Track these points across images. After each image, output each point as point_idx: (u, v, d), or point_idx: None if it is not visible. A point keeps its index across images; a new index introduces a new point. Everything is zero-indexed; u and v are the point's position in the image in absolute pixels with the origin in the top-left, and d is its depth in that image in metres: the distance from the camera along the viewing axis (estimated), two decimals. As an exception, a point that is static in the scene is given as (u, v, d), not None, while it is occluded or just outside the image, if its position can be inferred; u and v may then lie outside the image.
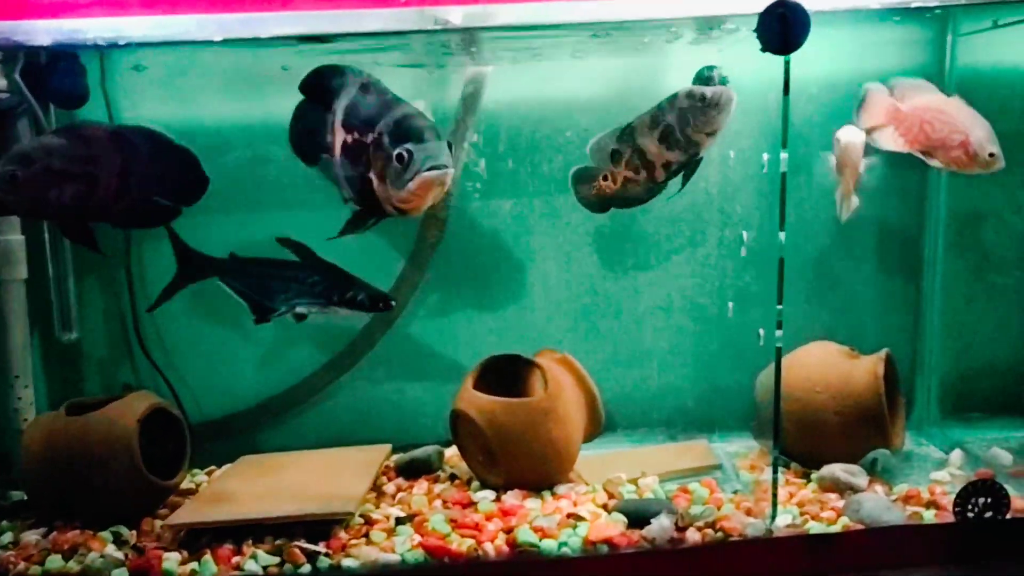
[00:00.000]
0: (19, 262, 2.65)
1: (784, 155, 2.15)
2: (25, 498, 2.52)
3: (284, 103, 2.36)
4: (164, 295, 2.60)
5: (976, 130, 2.36)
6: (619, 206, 2.60)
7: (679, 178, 2.50)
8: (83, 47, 2.29)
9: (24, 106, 2.51)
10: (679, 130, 2.37)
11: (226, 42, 2.15)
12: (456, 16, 2.20)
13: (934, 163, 2.44)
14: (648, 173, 2.47)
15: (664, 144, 2.41)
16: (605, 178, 2.54)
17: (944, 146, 2.38)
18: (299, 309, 2.49)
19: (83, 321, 2.84)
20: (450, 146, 2.07)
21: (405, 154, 1.95)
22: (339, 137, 2.16)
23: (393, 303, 2.50)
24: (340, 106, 2.18)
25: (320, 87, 2.25)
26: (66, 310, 2.78)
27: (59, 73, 2.41)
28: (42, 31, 2.16)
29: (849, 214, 2.53)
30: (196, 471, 2.74)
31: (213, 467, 2.78)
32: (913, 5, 2.27)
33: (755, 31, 2.07)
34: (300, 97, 2.31)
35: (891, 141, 2.50)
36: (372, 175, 2.06)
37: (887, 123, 2.50)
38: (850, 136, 2.45)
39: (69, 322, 2.79)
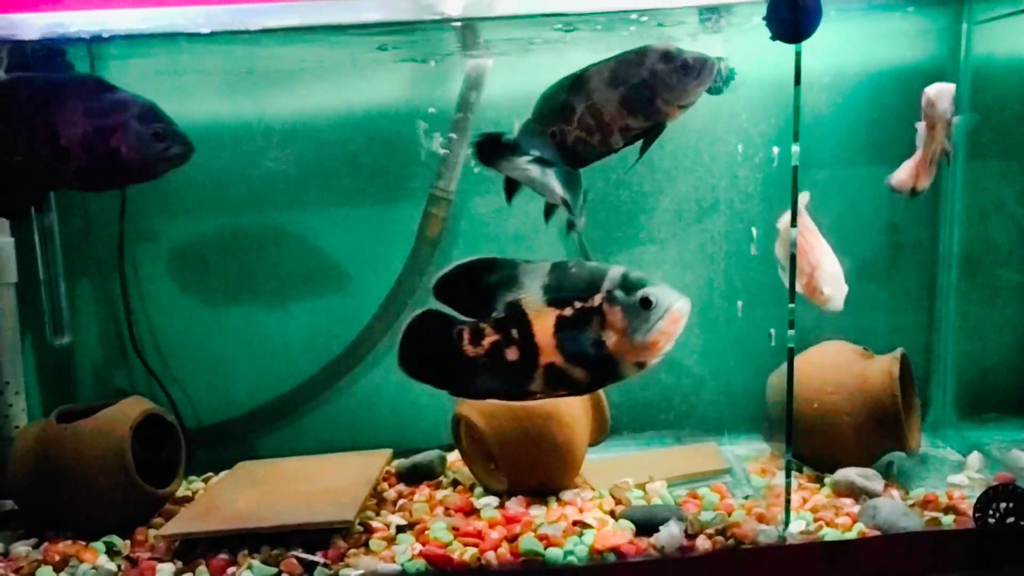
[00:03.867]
0: (8, 265, 2.59)
1: (796, 148, 2.09)
2: (15, 508, 2.46)
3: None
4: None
5: (825, 266, 2.37)
6: (565, 163, 2.27)
7: (637, 146, 2.22)
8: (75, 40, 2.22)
9: None
10: (647, 95, 2.10)
11: (214, 35, 2.10)
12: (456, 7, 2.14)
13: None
14: (603, 136, 2.17)
15: (626, 108, 2.13)
16: (553, 135, 2.22)
17: (801, 272, 2.37)
18: None
19: (76, 325, 2.79)
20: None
21: (651, 298, 1.91)
22: (548, 316, 1.98)
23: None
24: (531, 289, 2.00)
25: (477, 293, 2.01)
26: (58, 314, 2.73)
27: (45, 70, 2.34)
28: (28, 25, 2.11)
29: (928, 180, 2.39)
30: (193, 478, 2.72)
31: (211, 474, 2.75)
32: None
33: (764, 19, 2.00)
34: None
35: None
36: (608, 334, 1.94)
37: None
38: (939, 89, 2.29)
39: (61, 326, 2.74)
